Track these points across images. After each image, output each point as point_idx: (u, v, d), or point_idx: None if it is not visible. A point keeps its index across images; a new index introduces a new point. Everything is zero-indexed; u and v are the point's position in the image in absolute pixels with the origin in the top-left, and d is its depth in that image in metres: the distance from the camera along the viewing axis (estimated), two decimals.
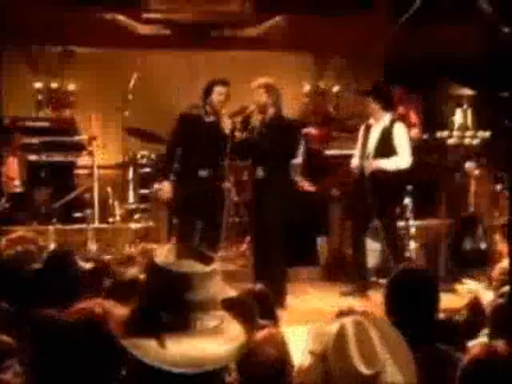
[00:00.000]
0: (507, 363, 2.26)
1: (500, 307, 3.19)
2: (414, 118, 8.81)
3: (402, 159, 6.75)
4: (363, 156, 6.84)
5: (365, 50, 9.66)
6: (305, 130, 8.76)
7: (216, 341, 1.71)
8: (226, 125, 6.30)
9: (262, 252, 6.49)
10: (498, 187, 7.99)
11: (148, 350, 1.67)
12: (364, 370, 2.06)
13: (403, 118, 8.64)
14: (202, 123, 6.44)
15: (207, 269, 1.75)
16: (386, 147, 6.77)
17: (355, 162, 6.96)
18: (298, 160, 8.25)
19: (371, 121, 6.93)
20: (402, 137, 6.82)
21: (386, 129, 6.81)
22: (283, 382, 2.47)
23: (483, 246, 7.51)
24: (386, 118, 6.84)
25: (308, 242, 7.79)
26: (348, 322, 2.18)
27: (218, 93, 6.40)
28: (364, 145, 6.89)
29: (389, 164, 6.73)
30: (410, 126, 8.69)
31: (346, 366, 2.07)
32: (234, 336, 1.75)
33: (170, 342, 1.68)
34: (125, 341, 1.69)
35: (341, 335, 2.13)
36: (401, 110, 8.75)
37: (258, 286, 3.61)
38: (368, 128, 6.93)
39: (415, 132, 8.41)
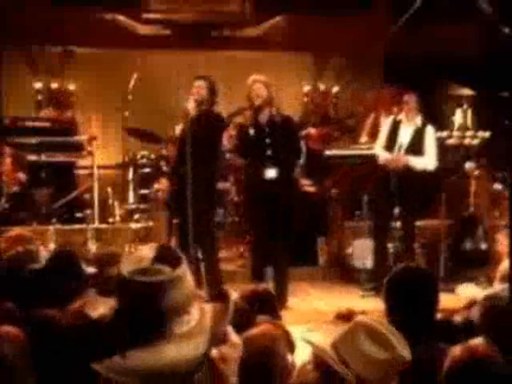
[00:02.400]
0: (489, 363, 2.27)
1: (496, 306, 3.19)
2: None
3: (429, 161, 6.84)
4: (391, 152, 6.86)
5: (364, 49, 9.66)
6: (305, 130, 8.76)
7: (181, 346, 1.71)
8: (189, 107, 6.35)
9: (265, 252, 6.48)
10: (499, 187, 7.99)
11: (112, 365, 1.67)
12: (383, 355, 2.18)
13: None
14: (188, 120, 6.46)
15: (173, 275, 1.72)
16: (417, 148, 6.84)
17: (382, 154, 6.97)
18: (301, 160, 8.26)
19: (401, 117, 6.94)
20: (432, 139, 6.93)
21: (418, 130, 6.88)
22: (273, 373, 2.49)
23: (483, 246, 7.51)
24: (418, 119, 6.89)
25: (308, 242, 7.78)
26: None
27: (195, 87, 6.47)
28: (392, 140, 6.90)
29: (418, 162, 6.80)
30: None
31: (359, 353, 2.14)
32: (200, 341, 1.74)
33: (132, 353, 1.68)
34: (96, 364, 1.70)
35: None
36: (394, 110, 8.75)
37: (262, 286, 3.62)
38: (396, 123, 6.94)
39: None
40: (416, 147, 6.83)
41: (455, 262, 7.41)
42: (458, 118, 8.30)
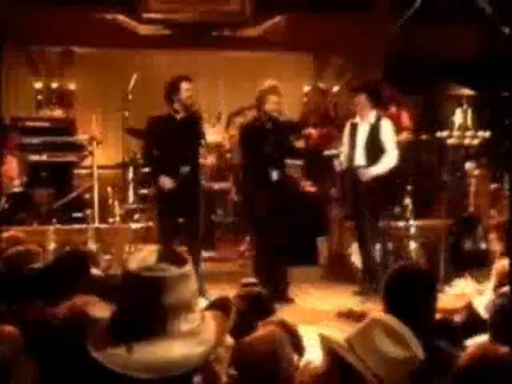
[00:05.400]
0: (503, 364, 2.26)
1: (500, 308, 3.19)
2: (405, 120, 8.81)
3: (390, 157, 6.80)
4: (352, 156, 6.86)
5: (364, 49, 9.66)
6: (305, 131, 8.77)
7: (186, 344, 1.72)
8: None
9: (273, 252, 6.52)
10: (497, 186, 8.00)
11: (116, 357, 1.68)
12: (400, 354, 2.21)
13: (394, 119, 8.67)
14: (172, 122, 6.47)
15: (179, 271, 1.74)
16: (374, 145, 6.82)
17: (342, 161, 7.05)
18: (298, 160, 8.27)
19: (357, 119, 6.95)
20: (388, 133, 6.87)
21: (373, 126, 6.85)
22: (278, 377, 2.49)
23: (483, 246, 7.50)
24: (372, 116, 6.88)
25: (308, 242, 7.78)
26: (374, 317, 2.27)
27: (185, 89, 6.44)
28: (352, 144, 6.91)
29: (381, 168, 6.75)
30: (400, 128, 8.71)
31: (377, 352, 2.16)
32: (205, 339, 1.76)
33: (138, 347, 1.69)
34: (96, 352, 1.70)
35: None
36: (393, 110, 8.75)
37: (257, 289, 3.61)
38: (354, 127, 6.94)
39: (406, 135, 8.42)
40: (372, 145, 6.80)
41: (455, 262, 7.40)
42: (457, 118, 8.29)
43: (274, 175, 6.47)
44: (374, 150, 6.80)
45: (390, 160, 6.78)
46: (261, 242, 6.61)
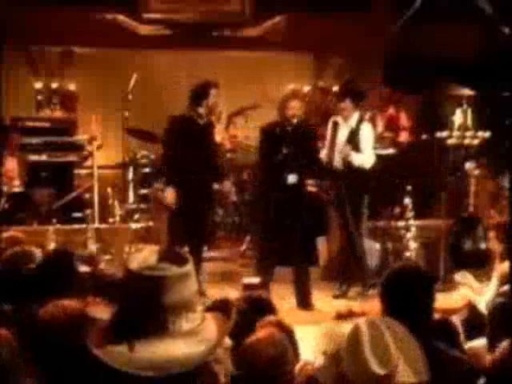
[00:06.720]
0: None
1: (499, 306, 3.19)
2: (404, 120, 8.84)
3: (367, 159, 6.87)
4: (331, 157, 6.88)
5: (364, 49, 9.67)
6: None
7: (187, 343, 1.73)
8: (220, 131, 6.50)
9: (280, 254, 6.54)
10: (498, 186, 8.00)
11: (117, 355, 1.69)
12: (377, 369, 2.12)
13: (393, 121, 8.68)
14: (195, 126, 6.50)
15: (180, 271, 1.75)
16: (352, 147, 6.86)
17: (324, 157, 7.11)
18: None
19: (338, 118, 6.98)
20: (367, 138, 6.94)
21: (353, 130, 6.93)
22: (280, 380, 2.49)
23: (483, 245, 7.50)
24: (353, 119, 6.94)
25: (308, 242, 7.78)
26: (362, 323, 2.21)
27: (213, 95, 6.48)
28: (331, 145, 6.93)
29: (357, 159, 6.82)
30: (399, 128, 8.73)
31: (359, 366, 2.12)
32: (206, 338, 1.76)
33: (140, 345, 1.69)
34: (97, 350, 1.71)
35: (355, 336, 2.16)
36: (391, 110, 8.77)
37: (257, 292, 3.61)
38: (335, 126, 6.98)
39: (404, 135, 8.40)
40: (351, 146, 6.85)
41: (455, 262, 7.40)
42: (457, 118, 8.30)
43: (291, 178, 6.48)
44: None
45: (365, 159, 6.84)
46: (269, 244, 6.60)
